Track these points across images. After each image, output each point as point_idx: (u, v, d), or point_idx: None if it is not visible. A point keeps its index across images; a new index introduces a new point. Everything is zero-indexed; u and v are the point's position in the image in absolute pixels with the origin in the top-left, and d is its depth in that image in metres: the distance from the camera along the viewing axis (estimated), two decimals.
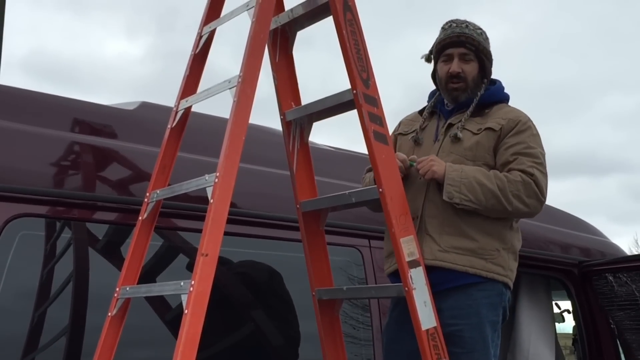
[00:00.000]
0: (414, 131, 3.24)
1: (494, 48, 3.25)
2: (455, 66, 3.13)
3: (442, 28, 3.22)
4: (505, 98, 3.24)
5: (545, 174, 3.00)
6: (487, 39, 3.21)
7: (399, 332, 3.00)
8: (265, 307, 3.27)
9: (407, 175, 3.07)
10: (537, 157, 3.00)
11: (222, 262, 3.09)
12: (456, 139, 3.05)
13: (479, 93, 3.15)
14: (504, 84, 3.28)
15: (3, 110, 2.89)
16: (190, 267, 2.91)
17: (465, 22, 3.20)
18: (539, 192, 2.95)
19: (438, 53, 3.20)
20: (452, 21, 3.21)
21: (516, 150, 2.99)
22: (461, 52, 3.14)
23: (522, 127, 3.05)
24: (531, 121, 3.11)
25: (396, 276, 2.98)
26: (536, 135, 3.08)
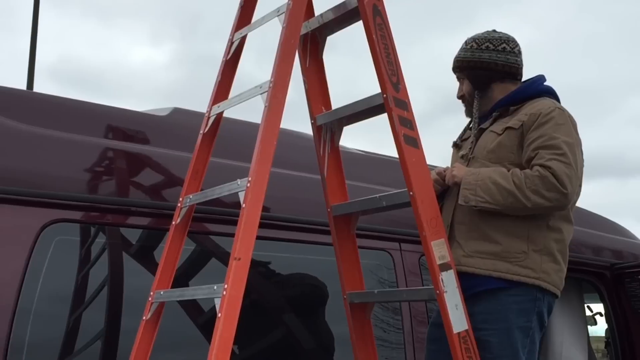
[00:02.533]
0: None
1: None
2: (457, 92, 3.29)
3: None
4: (539, 92, 3.15)
5: (568, 164, 2.85)
6: (478, 48, 3.18)
7: (439, 332, 3.00)
8: (297, 311, 3.29)
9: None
10: (558, 148, 2.88)
11: (254, 266, 3.12)
12: (463, 159, 3.12)
13: (474, 107, 3.20)
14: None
15: (39, 117, 2.95)
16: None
17: (465, 41, 3.25)
18: (559, 183, 2.82)
19: None
20: None
21: (537, 144, 2.91)
22: (457, 77, 3.28)
23: (544, 119, 2.95)
24: (557, 110, 3.00)
25: None
26: (562, 125, 2.96)
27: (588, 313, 4.99)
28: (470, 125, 3.28)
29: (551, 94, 3.17)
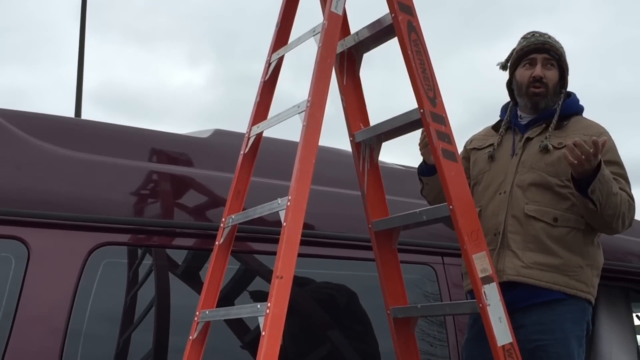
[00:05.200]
0: (489, 146, 3.22)
1: None
2: (538, 70, 3.10)
3: (524, 37, 3.20)
4: (580, 110, 3.20)
5: None
6: (565, 52, 3.19)
7: (478, 348, 3.00)
8: (341, 327, 3.30)
9: (487, 190, 3.12)
10: (628, 181, 3.01)
11: (297, 283, 3.15)
12: (546, 150, 3.03)
13: (558, 103, 3.12)
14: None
15: (86, 143, 3.03)
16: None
17: (546, 33, 3.19)
18: (633, 217, 2.98)
19: (519, 59, 3.17)
20: (534, 31, 3.20)
21: (611, 170, 2.93)
22: (545, 58, 3.12)
23: (607, 143, 2.93)
24: (609, 133, 3.08)
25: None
26: (617, 150, 3.07)
27: (637, 322, 4.90)
28: (503, 126, 3.22)
29: (583, 112, 3.21)
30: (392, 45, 2.79)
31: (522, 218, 2.99)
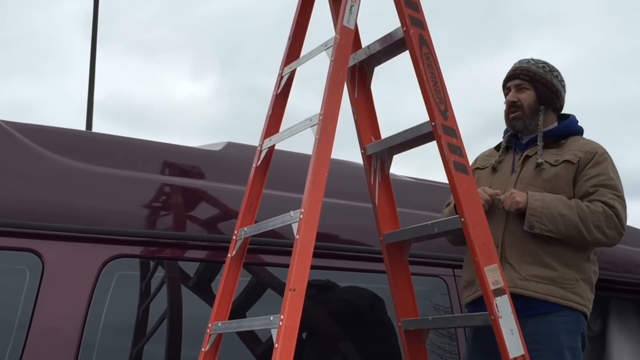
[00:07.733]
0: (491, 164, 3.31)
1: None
2: (510, 96, 3.27)
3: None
4: (579, 131, 3.30)
5: (625, 207, 3.06)
6: (550, 72, 3.28)
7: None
8: (352, 339, 3.31)
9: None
10: (617, 190, 3.06)
11: (309, 296, 3.15)
12: (539, 167, 3.11)
13: (539, 121, 3.21)
14: (572, 109, 3.36)
15: (99, 156, 3.05)
16: None
17: (530, 59, 3.32)
18: (620, 224, 3.01)
19: (502, 90, 3.35)
20: (518, 60, 3.36)
21: (596, 182, 3.06)
22: (516, 83, 3.28)
23: (600, 158, 3.12)
24: (607, 153, 3.17)
25: (475, 305, 3.02)
26: (614, 167, 3.15)
27: None
28: (502, 145, 3.32)
29: (583, 133, 3.32)
30: (397, 57, 2.82)
31: (519, 233, 3.05)
